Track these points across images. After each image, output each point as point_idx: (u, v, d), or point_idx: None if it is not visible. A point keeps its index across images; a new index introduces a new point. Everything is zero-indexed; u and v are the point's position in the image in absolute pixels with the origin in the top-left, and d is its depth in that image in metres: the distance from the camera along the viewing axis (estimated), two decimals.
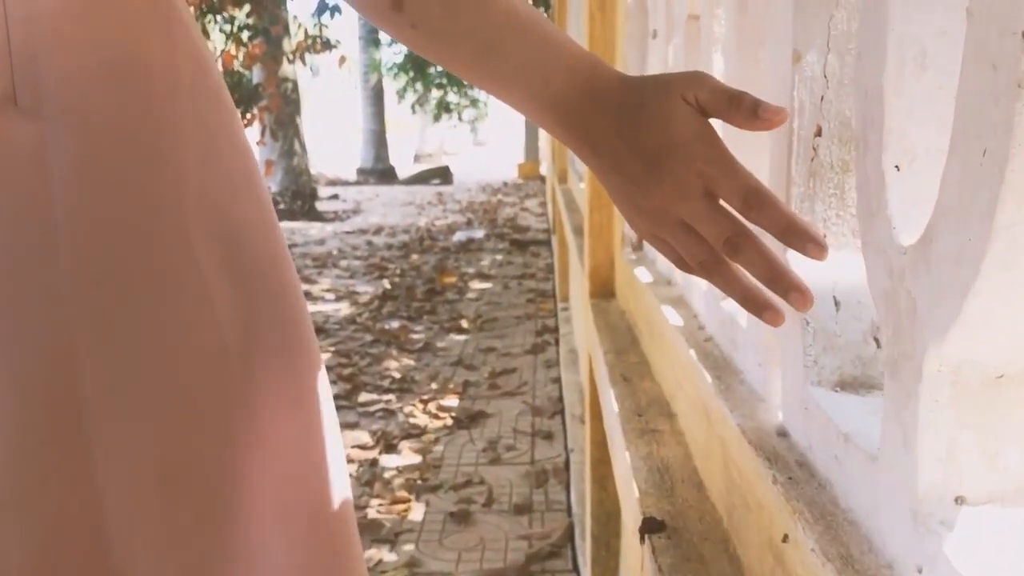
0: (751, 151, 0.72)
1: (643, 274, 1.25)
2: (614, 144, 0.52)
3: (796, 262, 0.56)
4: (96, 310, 0.44)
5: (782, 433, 0.62)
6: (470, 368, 3.59)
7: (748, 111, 0.49)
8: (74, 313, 0.43)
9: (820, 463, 0.54)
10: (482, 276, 5.71)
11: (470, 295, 5.12)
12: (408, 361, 3.72)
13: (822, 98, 0.59)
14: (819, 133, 0.60)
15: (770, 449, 0.59)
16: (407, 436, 2.84)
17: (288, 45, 8.43)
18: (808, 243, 0.47)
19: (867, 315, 0.58)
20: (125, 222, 0.45)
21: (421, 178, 14.22)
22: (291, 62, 8.42)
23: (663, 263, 1.23)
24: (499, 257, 6.53)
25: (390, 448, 2.74)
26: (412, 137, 21.13)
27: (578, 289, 2.80)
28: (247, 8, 7.58)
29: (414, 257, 6.49)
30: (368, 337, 4.12)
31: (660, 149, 0.50)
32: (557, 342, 3.90)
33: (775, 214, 0.48)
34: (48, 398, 0.43)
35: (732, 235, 0.49)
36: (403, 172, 14.70)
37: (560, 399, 3.13)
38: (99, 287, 0.44)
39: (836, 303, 0.58)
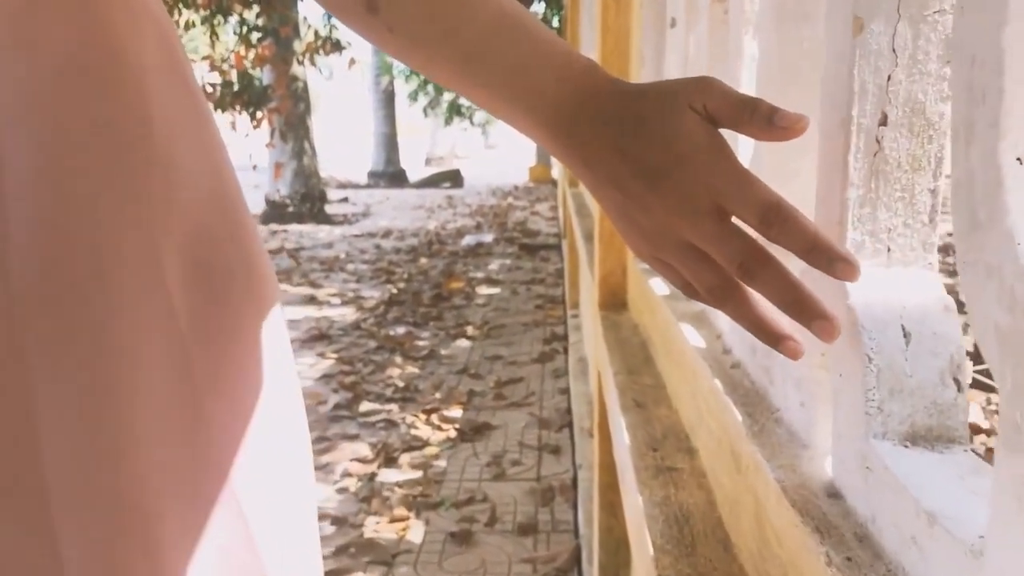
0: (795, 149, 0.60)
1: (658, 285, 1.14)
2: (610, 158, 0.46)
3: (845, 283, 0.45)
4: (52, 331, 0.39)
5: (833, 494, 0.50)
6: (475, 377, 3.48)
7: (763, 119, 0.43)
8: (28, 336, 0.39)
9: (889, 543, 0.42)
10: (490, 281, 5.60)
11: (478, 301, 5.01)
12: (412, 369, 3.61)
13: (889, 78, 0.48)
14: (884, 122, 0.48)
15: (819, 514, 0.48)
16: (408, 449, 2.73)
17: (299, 46, 8.36)
18: (838, 262, 0.41)
19: (945, 350, 0.46)
20: (85, 237, 0.40)
21: (432, 181, 14.14)
22: (300, 64, 8.34)
23: None
24: (508, 262, 6.42)
25: (390, 462, 2.63)
26: (423, 140, 21.07)
27: (588, 298, 2.69)
28: (256, 9, 7.51)
29: (422, 261, 6.39)
30: (372, 343, 4.01)
31: (664, 163, 0.44)
32: (566, 350, 3.79)
33: (798, 230, 0.42)
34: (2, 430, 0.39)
35: (746, 257, 0.43)
36: (414, 175, 14.62)
37: (568, 411, 3.01)
38: (56, 306, 0.40)
39: (905, 334, 0.47)
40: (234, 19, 7.59)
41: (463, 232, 8.08)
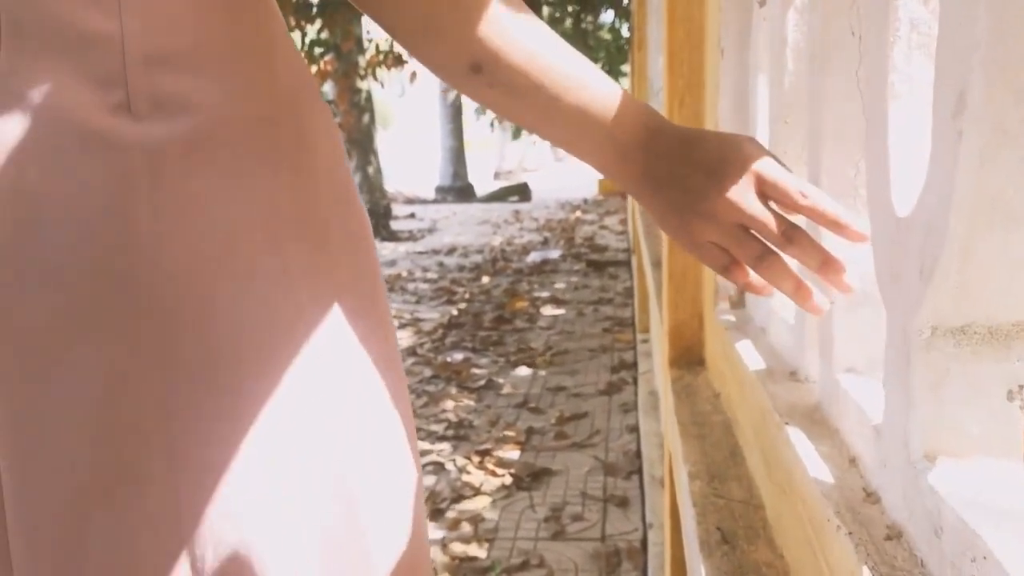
0: None
1: (748, 351, 0.84)
2: (675, 168, 0.57)
3: None
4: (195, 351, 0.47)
5: None
6: (535, 412, 3.19)
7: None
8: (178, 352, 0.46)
9: None
10: (555, 301, 5.31)
11: (541, 323, 4.72)
12: (467, 401, 3.34)
13: None
14: None
15: None
16: (458, 498, 2.46)
17: (362, 61, 8.24)
18: (849, 229, 0.53)
19: None
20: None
21: (499, 196, 13.93)
22: (362, 78, 8.22)
23: (778, 337, 0.82)
24: (575, 279, 6.12)
25: (437, 514, 2.37)
26: (492, 154, 20.94)
27: (657, 348, 2.36)
28: (319, 24, 7.42)
29: (485, 280, 6.14)
30: (428, 372, 3.77)
31: (721, 157, 0.56)
32: (635, 380, 3.47)
33: (828, 203, 0.54)
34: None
35: (787, 227, 0.55)
36: (482, 189, 14.44)
37: (637, 454, 2.70)
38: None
39: None
40: (297, 34, 7.52)
41: (529, 248, 7.82)
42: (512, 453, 2.77)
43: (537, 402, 3.31)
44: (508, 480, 2.56)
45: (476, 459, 2.72)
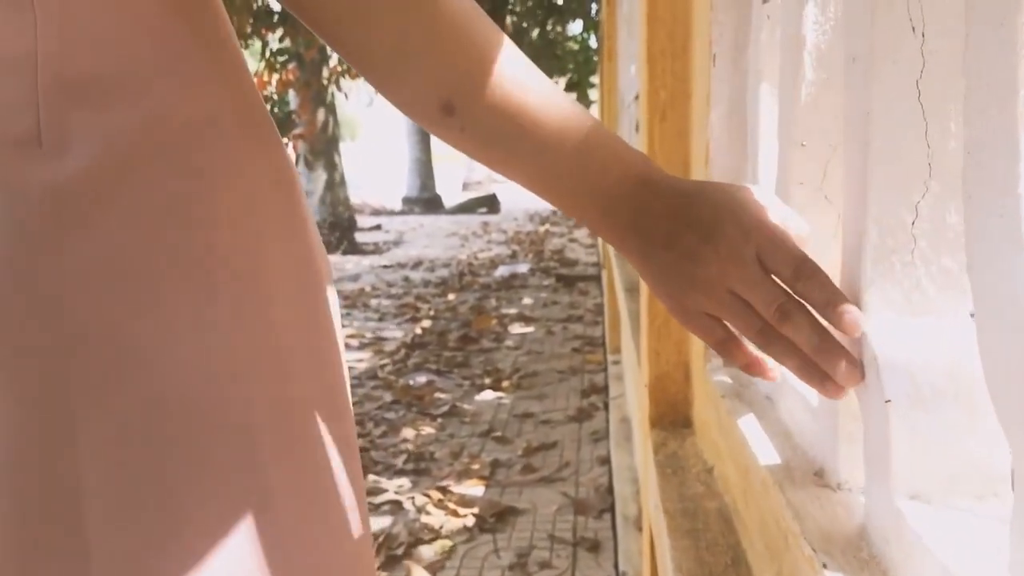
0: None
1: (753, 431, 0.67)
2: (667, 225, 0.52)
3: None
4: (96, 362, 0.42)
5: None
6: (501, 441, 3.01)
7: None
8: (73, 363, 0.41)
9: None
10: (524, 319, 5.14)
11: (508, 342, 4.54)
12: (429, 430, 3.15)
13: None
14: None
15: None
16: (416, 542, 2.26)
17: (326, 71, 8.03)
18: (846, 318, 0.47)
19: None
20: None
21: (467, 207, 13.77)
22: (326, 88, 8.00)
23: (793, 417, 0.65)
24: (543, 295, 5.95)
25: (392, 561, 2.17)
26: (460, 165, 20.75)
27: (634, 402, 2.18)
28: (280, 32, 7.20)
29: (451, 297, 5.95)
30: (388, 397, 3.57)
31: (716, 219, 0.50)
32: (606, 405, 3.31)
33: (824, 283, 0.48)
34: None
35: (784, 300, 0.49)
36: (450, 201, 14.26)
37: (610, 490, 2.53)
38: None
39: None
40: (258, 43, 7.29)
41: (497, 262, 7.65)
42: (475, 489, 2.59)
43: (503, 430, 3.12)
44: (470, 521, 2.38)
45: (436, 496, 2.53)
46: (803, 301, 0.49)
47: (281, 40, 7.35)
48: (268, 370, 0.46)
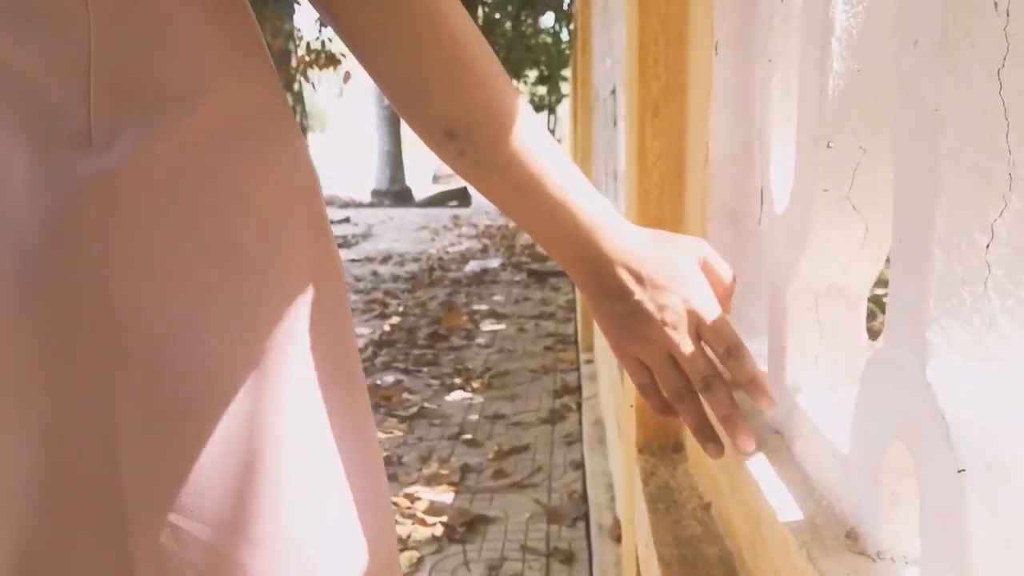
0: None
1: (761, 468, 0.59)
2: (623, 281, 0.58)
3: None
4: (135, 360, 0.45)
5: None
6: (472, 444, 2.91)
7: (728, 297, 0.62)
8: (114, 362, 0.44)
9: None
10: (495, 315, 5.05)
11: (479, 340, 4.45)
12: (397, 432, 3.05)
13: None
14: None
15: None
16: None
17: (293, 60, 7.85)
18: (765, 397, 0.60)
19: None
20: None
21: (437, 200, 13.63)
22: (294, 78, 7.83)
23: (815, 463, 0.56)
24: (515, 291, 5.87)
25: None
26: (430, 157, 20.55)
27: (611, 417, 2.08)
28: None
29: (420, 293, 5.84)
30: None
31: (665, 288, 0.58)
32: (579, 406, 3.23)
33: (747, 366, 0.59)
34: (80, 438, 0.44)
35: (710, 374, 0.58)
36: (420, 193, 14.11)
37: (584, 497, 2.45)
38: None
39: None
40: None
41: (467, 256, 7.55)
42: (445, 496, 2.49)
43: (474, 432, 3.03)
44: (439, 530, 2.28)
45: (405, 502, 2.44)
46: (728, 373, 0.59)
47: None
48: (294, 359, 0.49)
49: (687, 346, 0.57)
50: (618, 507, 2.17)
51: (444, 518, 2.33)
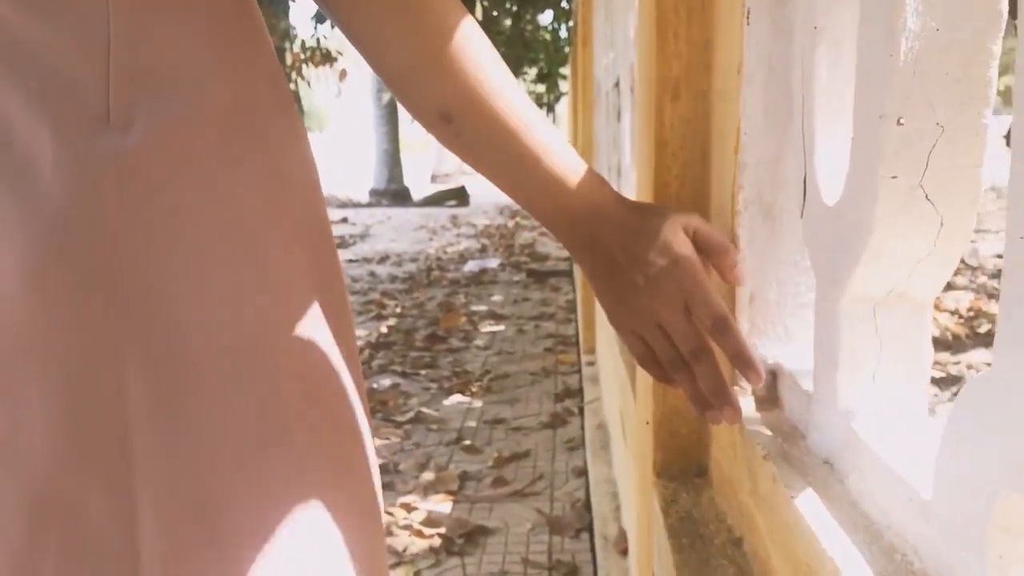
0: None
1: (813, 508, 0.49)
2: (615, 254, 0.61)
3: None
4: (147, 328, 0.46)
5: None
6: (471, 451, 2.82)
7: (728, 267, 0.64)
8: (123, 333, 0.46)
9: None
10: (494, 316, 4.96)
11: (478, 341, 4.35)
12: (394, 439, 2.95)
13: None
14: None
15: None
16: None
17: (289, 58, 7.76)
18: (751, 370, 0.60)
19: None
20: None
21: (436, 200, 13.53)
22: (289, 76, 7.73)
23: (878, 502, 0.47)
24: (514, 291, 5.77)
25: None
26: (429, 156, 20.45)
27: (620, 437, 1.95)
28: None
29: (418, 293, 5.74)
30: None
31: (660, 265, 0.60)
32: (581, 411, 3.13)
33: (734, 339, 0.60)
34: (93, 405, 0.46)
35: (698, 345, 0.60)
36: (418, 193, 14.01)
37: (587, 505, 2.35)
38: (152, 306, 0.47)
39: None
40: None
41: (466, 256, 7.45)
42: (443, 506, 2.40)
43: (473, 439, 2.93)
44: (437, 542, 2.19)
45: (402, 512, 2.34)
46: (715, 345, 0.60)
47: None
48: (291, 337, 0.50)
49: (675, 318, 0.60)
50: (624, 519, 2.07)
51: (442, 529, 2.24)
